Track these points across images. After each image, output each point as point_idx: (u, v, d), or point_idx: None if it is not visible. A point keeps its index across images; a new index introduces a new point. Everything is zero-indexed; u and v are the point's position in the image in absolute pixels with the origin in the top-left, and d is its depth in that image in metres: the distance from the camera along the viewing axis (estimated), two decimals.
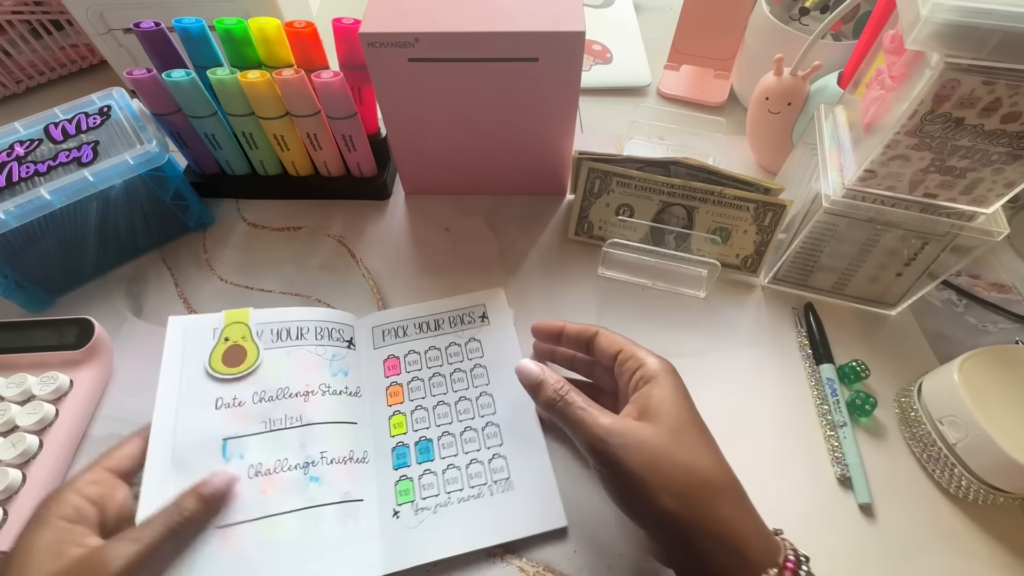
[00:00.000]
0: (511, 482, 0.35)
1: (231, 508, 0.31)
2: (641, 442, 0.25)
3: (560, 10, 0.38)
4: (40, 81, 0.62)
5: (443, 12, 0.38)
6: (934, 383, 0.37)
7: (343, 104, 0.43)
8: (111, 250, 0.46)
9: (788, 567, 0.23)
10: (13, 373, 0.38)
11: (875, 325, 0.44)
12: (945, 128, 0.31)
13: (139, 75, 0.41)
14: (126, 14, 0.53)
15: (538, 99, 0.42)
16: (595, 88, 0.63)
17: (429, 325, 0.41)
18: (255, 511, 0.31)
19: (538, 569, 0.33)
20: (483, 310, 0.42)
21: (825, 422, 0.39)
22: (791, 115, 0.48)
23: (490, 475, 0.35)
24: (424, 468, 0.35)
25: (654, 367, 0.28)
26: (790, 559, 0.23)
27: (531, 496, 0.34)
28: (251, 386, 0.35)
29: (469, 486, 0.35)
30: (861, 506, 0.36)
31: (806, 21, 0.52)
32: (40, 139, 0.40)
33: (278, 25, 0.42)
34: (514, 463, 0.35)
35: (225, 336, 0.36)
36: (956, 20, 0.27)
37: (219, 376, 0.35)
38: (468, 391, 0.38)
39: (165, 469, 0.31)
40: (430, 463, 0.35)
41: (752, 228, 0.43)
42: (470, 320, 0.41)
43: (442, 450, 0.36)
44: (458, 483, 0.35)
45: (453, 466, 0.35)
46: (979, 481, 0.34)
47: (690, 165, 0.43)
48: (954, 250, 0.38)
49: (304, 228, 0.50)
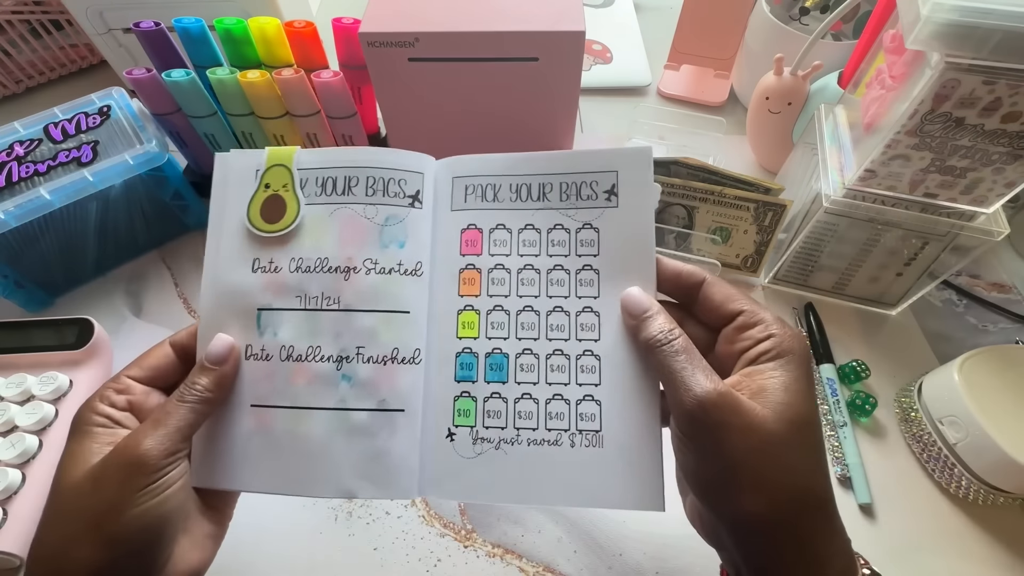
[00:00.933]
0: (601, 436, 0.27)
1: (263, 388, 0.27)
2: (748, 427, 0.21)
3: (560, 10, 0.38)
4: (40, 81, 0.62)
5: (443, 12, 0.38)
6: (934, 383, 0.37)
7: (343, 104, 0.43)
8: (111, 250, 0.46)
9: None
10: (13, 373, 0.38)
11: (875, 325, 0.44)
12: (945, 128, 0.31)
13: (139, 75, 0.41)
14: (126, 14, 0.53)
15: (538, 99, 0.42)
16: (595, 88, 0.63)
17: (531, 191, 0.29)
18: (286, 399, 0.27)
19: (538, 569, 0.33)
20: (614, 179, 0.28)
21: (825, 422, 0.39)
22: (791, 115, 0.48)
23: (575, 421, 0.27)
24: (493, 390, 0.28)
25: (788, 343, 0.23)
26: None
27: (623, 462, 0.26)
28: (289, 251, 0.28)
29: (546, 428, 0.27)
30: (861, 506, 0.36)
31: (806, 21, 0.52)
32: (40, 139, 0.40)
33: (278, 25, 0.42)
34: (610, 414, 0.27)
35: (265, 182, 0.29)
36: (956, 20, 0.27)
37: (256, 232, 0.28)
38: (568, 301, 0.28)
39: (212, 332, 0.27)
40: (501, 386, 0.28)
41: (752, 228, 0.43)
42: (590, 194, 0.29)
43: (519, 373, 0.28)
44: (532, 420, 0.27)
45: (530, 396, 0.28)
46: (979, 481, 0.34)
47: (690, 165, 0.43)
48: (954, 250, 0.38)
49: None
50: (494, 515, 0.35)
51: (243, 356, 0.27)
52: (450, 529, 0.35)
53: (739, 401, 0.21)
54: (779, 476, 0.21)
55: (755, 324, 0.24)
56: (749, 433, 0.21)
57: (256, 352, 0.28)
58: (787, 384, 0.22)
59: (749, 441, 0.20)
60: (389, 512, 0.36)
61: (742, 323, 0.24)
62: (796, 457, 0.21)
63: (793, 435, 0.21)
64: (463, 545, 0.35)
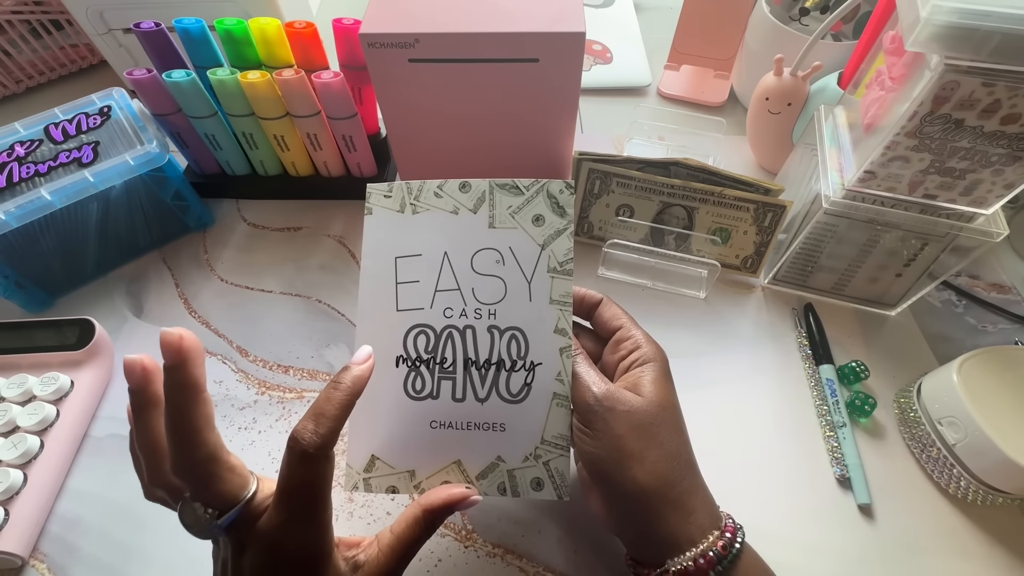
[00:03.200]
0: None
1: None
2: (629, 411, 0.27)
3: (560, 10, 0.38)
4: (40, 81, 0.62)
5: (443, 13, 0.38)
6: (933, 384, 0.37)
7: (343, 104, 0.43)
8: (111, 250, 0.46)
9: (728, 530, 0.26)
10: (14, 374, 0.38)
11: (875, 326, 0.44)
12: (945, 129, 0.31)
13: (139, 75, 0.41)
14: (126, 14, 0.53)
15: (538, 99, 0.42)
16: (595, 88, 0.63)
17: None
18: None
19: (538, 569, 0.33)
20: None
21: (825, 423, 0.39)
22: (791, 115, 0.48)
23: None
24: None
25: (651, 354, 0.29)
26: (730, 525, 0.26)
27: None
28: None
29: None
30: (860, 507, 0.36)
31: (806, 21, 0.52)
32: (40, 139, 0.40)
33: (278, 25, 0.42)
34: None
35: None
36: (956, 22, 0.27)
37: None
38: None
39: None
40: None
41: (752, 229, 0.43)
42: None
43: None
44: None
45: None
46: (978, 482, 0.34)
47: (690, 166, 0.43)
48: (954, 251, 0.38)
49: (304, 228, 0.50)
50: (494, 515, 0.36)
51: None
52: (450, 529, 0.35)
53: (622, 392, 0.27)
54: (654, 448, 0.26)
55: (628, 338, 0.30)
56: (630, 415, 0.27)
57: None
58: (653, 379, 0.28)
59: (631, 420, 0.26)
60: (390, 513, 0.36)
61: (619, 337, 0.31)
62: (664, 431, 0.27)
63: (660, 414, 0.27)
64: (463, 545, 0.35)
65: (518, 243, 0.29)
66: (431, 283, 0.30)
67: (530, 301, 0.29)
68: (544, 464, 0.29)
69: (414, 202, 0.30)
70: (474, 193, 0.30)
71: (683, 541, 0.25)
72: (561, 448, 0.29)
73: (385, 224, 0.30)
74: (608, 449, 0.26)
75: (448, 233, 0.30)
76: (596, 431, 0.27)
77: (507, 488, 0.29)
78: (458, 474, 0.29)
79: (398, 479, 0.29)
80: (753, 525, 0.29)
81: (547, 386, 0.29)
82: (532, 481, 0.29)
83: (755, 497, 0.36)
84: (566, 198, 0.30)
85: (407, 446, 0.29)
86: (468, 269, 0.30)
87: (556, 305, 0.29)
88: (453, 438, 0.29)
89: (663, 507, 0.26)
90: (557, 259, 0.29)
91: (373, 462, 0.29)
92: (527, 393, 0.29)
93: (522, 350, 0.29)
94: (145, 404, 0.24)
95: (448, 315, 0.29)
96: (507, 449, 0.29)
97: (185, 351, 0.23)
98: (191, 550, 0.34)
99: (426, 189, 0.30)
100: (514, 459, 0.29)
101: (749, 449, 0.38)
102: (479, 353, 0.29)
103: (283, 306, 0.45)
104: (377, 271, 0.30)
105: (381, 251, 0.30)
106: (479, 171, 0.49)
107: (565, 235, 0.29)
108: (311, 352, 0.43)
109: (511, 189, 0.30)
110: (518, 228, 0.30)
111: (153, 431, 0.24)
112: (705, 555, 0.25)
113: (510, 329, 0.29)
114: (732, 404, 0.40)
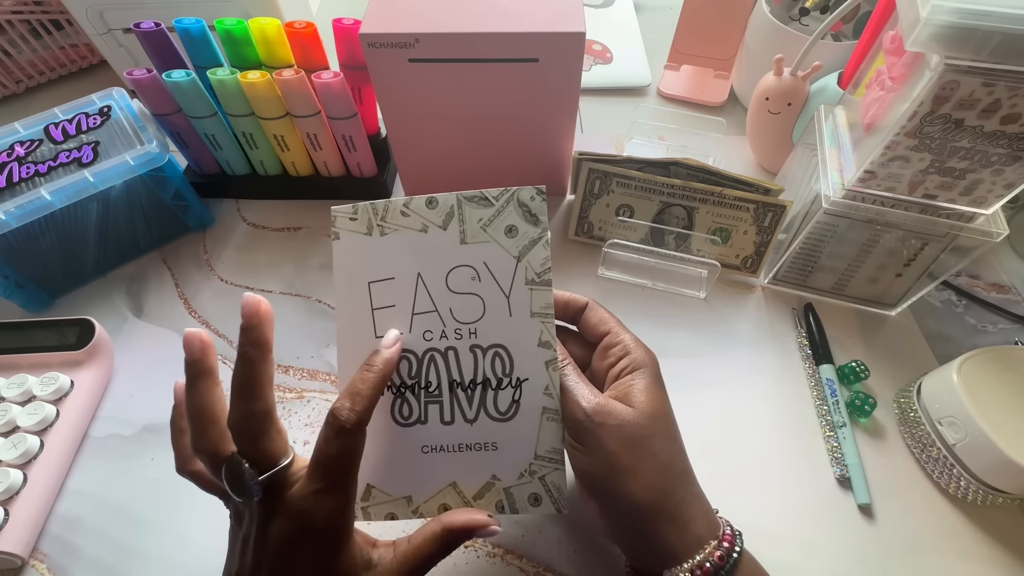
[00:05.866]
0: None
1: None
2: (620, 425, 0.26)
3: (560, 10, 0.38)
4: (40, 81, 0.62)
5: (443, 13, 0.38)
6: (933, 384, 0.37)
7: (343, 104, 0.43)
8: (111, 250, 0.46)
9: (726, 539, 0.25)
10: (14, 374, 0.38)
11: (875, 325, 0.44)
12: (945, 129, 0.31)
13: (139, 75, 0.41)
14: (126, 14, 0.53)
15: (538, 99, 0.42)
16: (595, 88, 0.63)
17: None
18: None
19: (538, 569, 0.33)
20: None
21: (825, 423, 0.39)
22: (791, 115, 0.48)
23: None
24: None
25: (641, 359, 0.29)
26: (728, 533, 0.26)
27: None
28: None
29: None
30: (860, 506, 0.36)
31: (806, 21, 0.52)
32: (40, 139, 0.40)
33: (278, 25, 0.42)
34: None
35: None
36: (956, 22, 0.27)
37: None
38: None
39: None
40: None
41: (752, 229, 0.43)
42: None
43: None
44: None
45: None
46: (978, 482, 0.34)
47: (690, 165, 0.43)
48: (954, 251, 0.38)
49: (304, 228, 0.50)
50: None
51: None
52: None
53: (613, 405, 0.27)
54: (647, 460, 0.26)
55: (617, 344, 0.29)
56: (621, 428, 0.26)
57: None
58: (644, 388, 0.27)
59: (622, 434, 0.26)
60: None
61: (608, 342, 0.30)
62: (657, 442, 0.26)
63: (652, 425, 0.26)
64: (463, 545, 0.35)
65: (492, 257, 0.28)
66: (407, 307, 0.29)
67: (510, 316, 0.28)
68: (540, 479, 0.28)
69: (381, 223, 0.29)
70: (442, 208, 0.28)
71: (680, 553, 0.25)
72: (556, 462, 0.28)
73: (354, 249, 0.29)
74: (601, 465, 0.26)
75: (419, 253, 0.29)
76: (588, 447, 0.26)
77: (505, 506, 0.28)
78: (455, 496, 0.29)
79: (395, 505, 0.29)
80: (753, 525, 0.29)
81: (536, 401, 0.28)
82: (529, 497, 0.28)
83: (755, 497, 0.36)
84: (538, 205, 0.28)
85: (401, 473, 0.29)
86: (443, 289, 0.28)
87: (538, 318, 0.28)
88: (446, 461, 0.29)
89: (659, 520, 0.25)
90: (535, 270, 0.28)
91: (369, 491, 0.29)
92: (516, 410, 0.28)
93: (507, 367, 0.28)
94: (200, 373, 0.25)
95: (428, 338, 0.28)
96: (501, 467, 0.28)
97: (263, 313, 0.25)
98: (191, 550, 0.34)
99: (392, 208, 0.29)
100: (509, 477, 0.28)
101: (749, 449, 0.38)
102: (463, 374, 0.28)
103: (283, 306, 0.45)
104: (351, 298, 0.29)
105: (353, 277, 0.29)
106: (479, 171, 0.49)
107: (541, 244, 0.28)
108: (311, 352, 0.43)
109: (480, 201, 0.28)
110: (491, 241, 0.28)
111: (204, 397, 0.25)
112: (702, 566, 0.24)
113: (493, 347, 0.28)
114: (732, 404, 0.40)
